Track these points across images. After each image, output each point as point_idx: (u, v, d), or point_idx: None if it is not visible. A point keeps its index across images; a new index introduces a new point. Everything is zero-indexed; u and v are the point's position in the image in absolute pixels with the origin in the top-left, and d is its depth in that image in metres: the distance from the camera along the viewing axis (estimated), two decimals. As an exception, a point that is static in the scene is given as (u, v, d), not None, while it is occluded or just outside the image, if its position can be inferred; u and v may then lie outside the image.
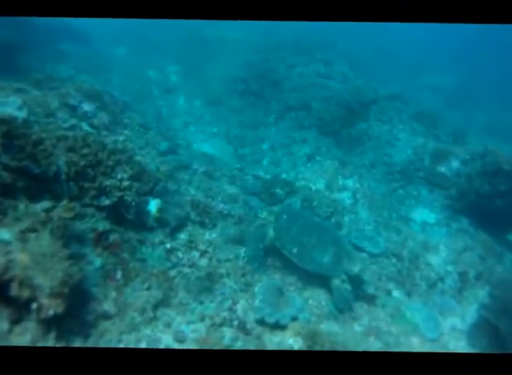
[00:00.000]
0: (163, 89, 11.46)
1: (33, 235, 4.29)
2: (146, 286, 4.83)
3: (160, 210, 5.75)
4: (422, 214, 9.04)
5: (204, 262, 5.71)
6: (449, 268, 7.72)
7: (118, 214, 5.29)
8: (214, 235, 6.28)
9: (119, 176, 5.44)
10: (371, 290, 6.77)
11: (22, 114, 6.30)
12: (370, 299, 6.57)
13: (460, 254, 8.03)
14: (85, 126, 7.14)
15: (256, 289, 5.26)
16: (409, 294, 7.20)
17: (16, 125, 4.86)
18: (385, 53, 14.05)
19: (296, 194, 8.41)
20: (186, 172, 7.65)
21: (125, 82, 10.83)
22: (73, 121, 7.04)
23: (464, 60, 14.65)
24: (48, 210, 4.54)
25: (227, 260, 5.92)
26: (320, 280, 6.32)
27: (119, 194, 5.25)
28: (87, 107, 7.43)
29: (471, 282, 7.52)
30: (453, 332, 6.74)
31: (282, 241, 6.27)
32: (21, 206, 4.44)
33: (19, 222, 4.32)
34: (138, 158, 6.38)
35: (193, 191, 6.97)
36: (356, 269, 6.24)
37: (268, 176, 9.72)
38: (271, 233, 6.44)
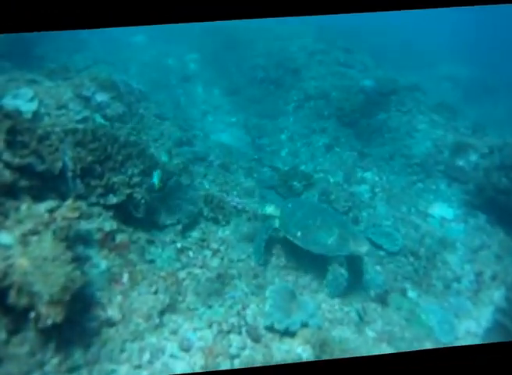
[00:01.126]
0: (181, 78, 10.92)
1: (35, 238, 3.91)
2: (153, 289, 4.42)
3: (161, 180, 5.30)
4: (441, 209, 8.41)
5: (215, 262, 5.28)
6: (466, 267, 7.13)
7: (126, 212, 4.88)
8: (227, 232, 5.84)
9: (129, 172, 5.00)
10: (386, 290, 6.26)
11: (32, 106, 5.91)
12: (384, 301, 6.07)
13: (477, 252, 7.42)
14: (98, 118, 6.71)
15: (267, 293, 4.81)
16: (425, 295, 6.67)
17: (21, 119, 4.45)
18: (404, 42, 13.19)
19: (314, 187, 7.88)
20: (201, 164, 7.19)
21: (143, 71, 10.32)
22: (86, 113, 6.62)
23: (483, 50, 13.65)
24: (51, 210, 4.14)
25: (239, 260, 5.47)
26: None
27: (128, 191, 4.82)
28: (100, 98, 6.98)
29: (487, 283, 6.91)
30: (467, 336, 6.19)
31: (286, 227, 5.79)
32: (23, 207, 4.05)
33: (20, 224, 3.95)
34: (151, 150, 5.94)
35: (207, 185, 6.51)
36: (363, 249, 5.71)
37: (286, 168, 9.22)
38: (276, 223, 5.97)
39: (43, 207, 4.11)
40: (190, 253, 5.26)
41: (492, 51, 13.75)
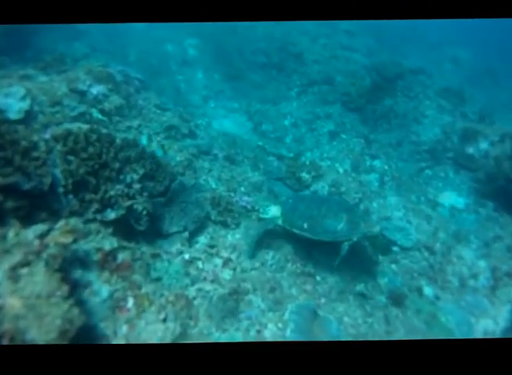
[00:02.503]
0: (181, 63, 9.88)
1: (25, 270, 3.16)
2: (162, 317, 3.70)
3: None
4: (450, 198, 7.68)
5: (227, 273, 4.55)
6: (481, 263, 6.46)
7: (127, 227, 4.10)
8: (237, 236, 5.09)
9: (127, 179, 4.19)
10: (404, 291, 5.61)
11: (24, 105, 5.02)
12: (404, 304, 5.41)
13: (491, 246, 6.75)
14: (95, 113, 5.82)
15: (286, 315, 4.11)
16: (441, 292, 6.01)
17: (3, 130, 3.60)
18: (407, 24, 12.12)
19: (323, 178, 7.09)
20: (205, 158, 6.35)
21: (142, 57, 9.29)
22: (82, 108, 5.73)
23: (485, 32, 12.60)
24: (42, 235, 3.36)
25: (253, 268, 4.75)
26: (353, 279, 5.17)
27: (127, 203, 4.02)
28: (97, 91, 6.06)
29: (504, 280, 6.27)
30: (486, 337, 5.60)
31: (290, 222, 5.10)
32: (11, 234, 3.26)
33: (8, 255, 3.17)
34: (152, 148, 5.11)
35: (213, 184, 5.70)
36: (375, 229, 5.16)
37: (291, 154, 8.42)
38: (279, 220, 5.24)
39: (32, 232, 3.33)
40: (199, 264, 4.53)
41: (493, 33, 12.73)
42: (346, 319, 4.53)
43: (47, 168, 3.55)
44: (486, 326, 5.74)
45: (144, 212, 4.08)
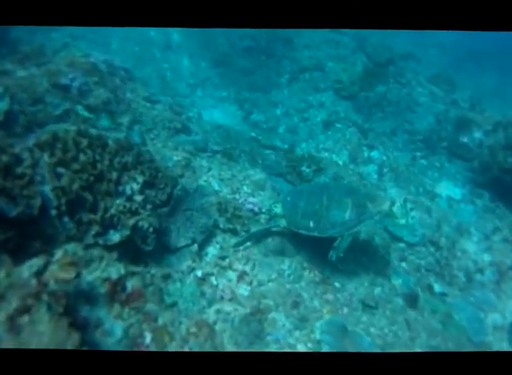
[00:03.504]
0: (165, 50, 8.96)
1: (26, 319, 2.48)
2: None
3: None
4: (447, 188, 7.36)
5: (244, 289, 3.98)
6: (485, 257, 6.19)
7: (133, 248, 3.44)
8: (248, 244, 4.51)
9: (127, 191, 3.49)
10: (417, 291, 5.25)
11: (3, 106, 4.16)
12: (419, 305, 5.06)
13: (491, 238, 6.48)
14: (81, 110, 4.98)
15: (318, 335, 3.62)
16: (450, 288, 5.70)
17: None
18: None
19: (324, 171, 6.55)
20: (203, 156, 5.65)
21: (125, 45, 8.31)
22: (66, 105, 4.88)
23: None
24: (39, 272, 2.66)
25: (270, 280, 4.20)
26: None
27: (132, 221, 3.34)
28: (81, 85, 5.21)
29: (509, 273, 6.03)
30: (495, 332, 5.34)
31: (295, 223, 4.51)
32: (1, 275, 2.56)
33: (3, 302, 2.48)
34: (148, 149, 4.39)
35: (216, 185, 5.04)
36: (385, 206, 4.54)
37: (285, 146, 7.85)
38: (283, 222, 4.67)
39: (27, 270, 2.63)
40: (213, 280, 3.93)
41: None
42: (373, 330, 4.09)
43: (34, 187, 2.81)
44: (495, 320, 5.49)
45: (151, 230, 3.42)
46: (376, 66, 8.32)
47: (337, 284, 4.55)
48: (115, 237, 3.22)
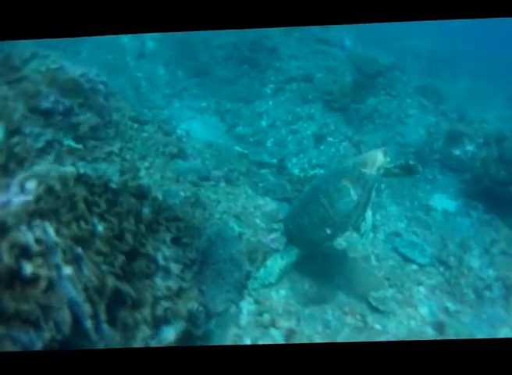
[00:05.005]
0: (139, 58, 8.10)
1: None
2: None
3: None
4: (441, 201, 7.26)
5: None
6: (490, 272, 6.10)
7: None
8: (283, 292, 3.97)
9: (160, 260, 2.83)
10: (440, 316, 5.04)
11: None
12: (446, 331, 4.84)
13: (490, 251, 6.42)
14: (67, 141, 4.21)
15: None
16: (462, 307, 5.55)
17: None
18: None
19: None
20: (207, 186, 5.05)
21: (96, 53, 7.38)
22: (49, 134, 4.09)
23: (441, 22, 12.30)
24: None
25: (318, 333, 3.71)
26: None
27: (184, 310, 2.65)
28: (65, 108, 4.38)
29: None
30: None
31: (313, 243, 4.15)
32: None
33: None
34: (162, 198, 3.70)
35: (235, 225, 4.48)
36: (380, 159, 3.97)
37: (274, 161, 7.37)
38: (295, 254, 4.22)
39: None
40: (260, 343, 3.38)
41: (449, 23, 12.46)
42: None
43: (56, 291, 2.07)
44: (506, 335, 5.40)
45: (201, 309, 2.76)
46: (366, 78, 8.04)
47: (378, 327, 4.19)
48: (169, 334, 2.52)
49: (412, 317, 4.62)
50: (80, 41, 7.22)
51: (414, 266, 5.76)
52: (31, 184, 3.07)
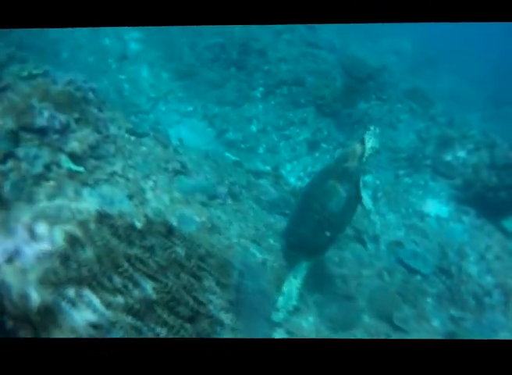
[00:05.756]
0: (122, 60, 7.49)
1: None
2: None
3: None
4: (434, 207, 7.31)
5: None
6: (488, 279, 6.22)
7: None
8: (311, 319, 3.76)
9: (212, 310, 2.48)
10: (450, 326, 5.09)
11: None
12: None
13: (486, 257, 6.55)
14: (65, 162, 3.72)
15: None
16: (464, 313, 5.64)
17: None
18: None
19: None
20: (216, 206, 4.73)
21: (76, 54, 6.72)
22: (46, 157, 3.60)
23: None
24: None
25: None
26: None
27: None
28: (61, 125, 3.88)
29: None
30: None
31: (318, 250, 4.16)
32: None
33: None
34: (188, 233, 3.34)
35: (255, 251, 4.20)
36: (359, 150, 4.05)
37: (268, 168, 7.15)
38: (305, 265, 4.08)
39: None
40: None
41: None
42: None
43: None
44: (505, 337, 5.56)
45: None
46: (357, 82, 7.91)
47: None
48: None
49: (428, 331, 4.69)
50: (59, 41, 6.55)
51: (419, 277, 5.77)
52: (42, 228, 2.65)
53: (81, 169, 3.74)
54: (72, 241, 2.48)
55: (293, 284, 3.99)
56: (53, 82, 4.52)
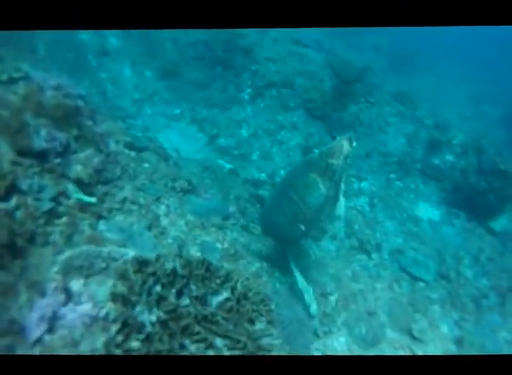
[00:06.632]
0: (102, 57, 6.78)
1: None
2: None
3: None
4: (426, 211, 7.41)
5: None
6: (484, 281, 6.39)
7: None
8: (343, 340, 3.61)
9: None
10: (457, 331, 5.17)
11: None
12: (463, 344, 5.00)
13: (480, 260, 6.73)
14: (74, 192, 3.22)
15: None
16: (464, 315, 5.77)
17: None
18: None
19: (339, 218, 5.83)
20: (232, 228, 4.44)
21: (54, 50, 5.95)
22: (52, 188, 3.08)
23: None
24: None
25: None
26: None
27: None
28: (62, 146, 3.34)
29: (508, 295, 6.32)
30: (508, 345, 5.62)
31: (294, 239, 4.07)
32: None
33: None
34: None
35: (281, 277, 3.92)
36: (346, 148, 3.68)
37: (263, 176, 6.92)
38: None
39: None
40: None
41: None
42: None
43: None
44: (504, 337, 5.77)
45: None
46: (345, 84, 7.78)
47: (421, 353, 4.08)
48: None
49: (440, 337, 4.83)
50: (34, 36, 5.78)
51: (421, 284, 5.83)
52: (78, 285, 2.24)
53: (93, 199, 3.25)
54: (119, 298, 2.09)
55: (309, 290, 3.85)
56: (39, 89, 3.92)
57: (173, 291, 2.28)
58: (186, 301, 2.25)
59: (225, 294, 2.50)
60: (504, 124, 10.42)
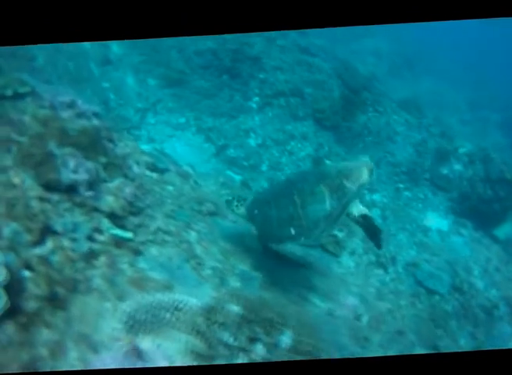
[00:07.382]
0: (105, 65, 6.45)
1: None
2: None
3: None
4: (435, 221, 7.40)
5: None
6: (494, 292, 6.42)
7: None
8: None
9: None
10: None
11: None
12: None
13: (488, 270, 6.77)
14: (112, 230, 2.98)
15: None
16: (473, 326, 5.81)
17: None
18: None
19: (355, 234, 5.73)
20: (259, 252, 4.20)
21: (54, 59, 5.59)
22: (85, 226, 2.85)
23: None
24: None
25: None
26: None
27: None
28: (90, 176, 3.10)
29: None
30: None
31: (274, 237, 3.81)
32: None
33: None
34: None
35: (316, 301, 3.81)
36: (364, 177, 3.55)
37: (271, 186, 6.79)
38: None
39: None
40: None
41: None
42: None
43: None
44: None
45: None
46: (352, 93, 7.68)
47: None
48: None
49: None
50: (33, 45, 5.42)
51: (437, 297, 5.84)
52: (147, 343, 2.05)
53: (129, 235, 3.01)
54: (197, 356, 1.91)
55: None
56: (51, 107, 3.64)
57: (245, 341, 2.12)
58: (261, 349, 2.09)
59: (285, 337, 2.34)
60: (504, 130, 10.55)
